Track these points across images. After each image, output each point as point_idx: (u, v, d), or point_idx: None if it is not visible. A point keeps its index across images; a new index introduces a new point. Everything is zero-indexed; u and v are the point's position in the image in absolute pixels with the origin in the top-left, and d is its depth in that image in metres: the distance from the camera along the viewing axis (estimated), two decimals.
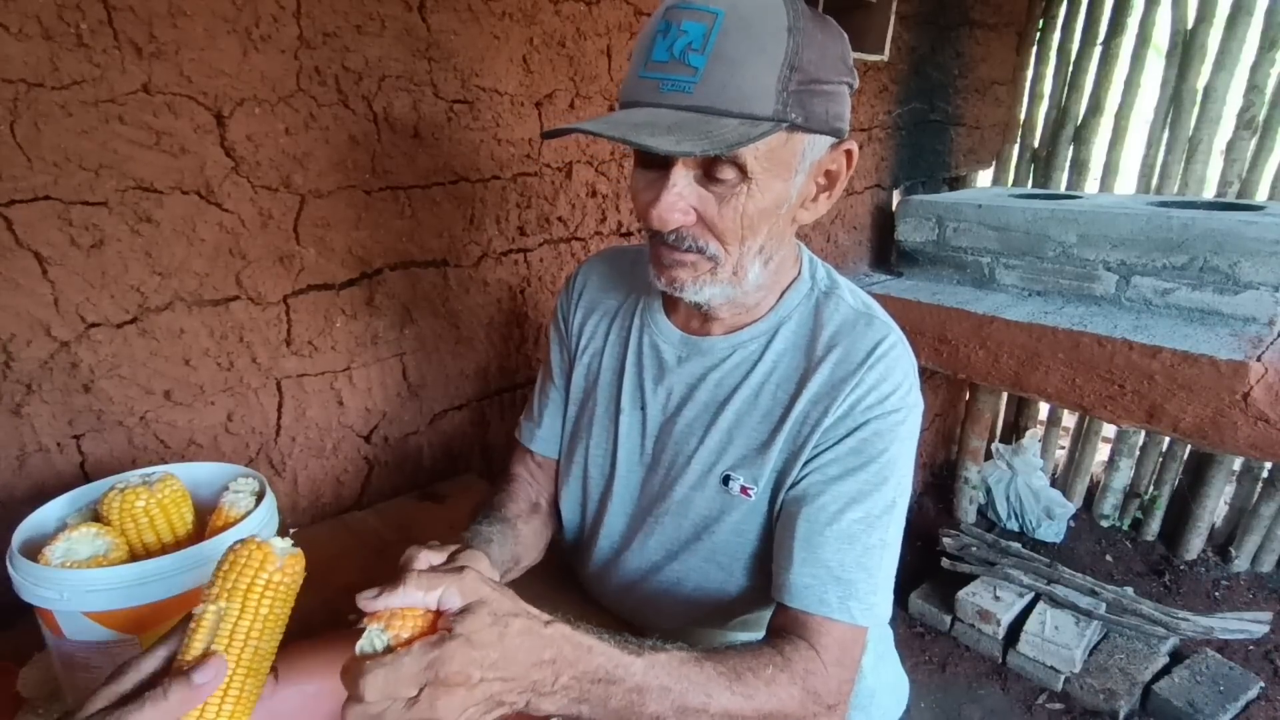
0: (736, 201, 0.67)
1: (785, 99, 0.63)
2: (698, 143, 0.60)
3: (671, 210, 0.67)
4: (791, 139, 0.66)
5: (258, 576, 0.52)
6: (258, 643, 0.52)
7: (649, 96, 0.64)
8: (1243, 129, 2.40)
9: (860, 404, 0.73)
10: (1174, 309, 1.90)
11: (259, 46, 1.01)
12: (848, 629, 0.70)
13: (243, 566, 0.52)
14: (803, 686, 0.66)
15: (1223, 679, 1.92)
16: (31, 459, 0.94)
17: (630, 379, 0.87)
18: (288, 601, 0.54)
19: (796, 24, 0.62)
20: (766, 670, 0.65)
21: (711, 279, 0.72)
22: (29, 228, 0.87)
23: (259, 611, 0.52)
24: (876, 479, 0.73)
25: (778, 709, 0.65)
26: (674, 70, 0.62)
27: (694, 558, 0.82)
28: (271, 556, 0.53)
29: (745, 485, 0.78)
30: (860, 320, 0.78)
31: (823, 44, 0.64)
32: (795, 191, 0.70)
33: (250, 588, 0.52)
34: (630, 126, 0.62)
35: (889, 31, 2.05)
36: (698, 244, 0.70)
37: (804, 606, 0.70)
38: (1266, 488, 2.34)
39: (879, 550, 0.72)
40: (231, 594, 0.52)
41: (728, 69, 0.61)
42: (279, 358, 1.14)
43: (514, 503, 0.91)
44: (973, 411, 2.60)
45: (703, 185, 0.67)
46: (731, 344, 0.81)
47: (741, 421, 0.79)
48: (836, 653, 0.70)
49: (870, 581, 0.71)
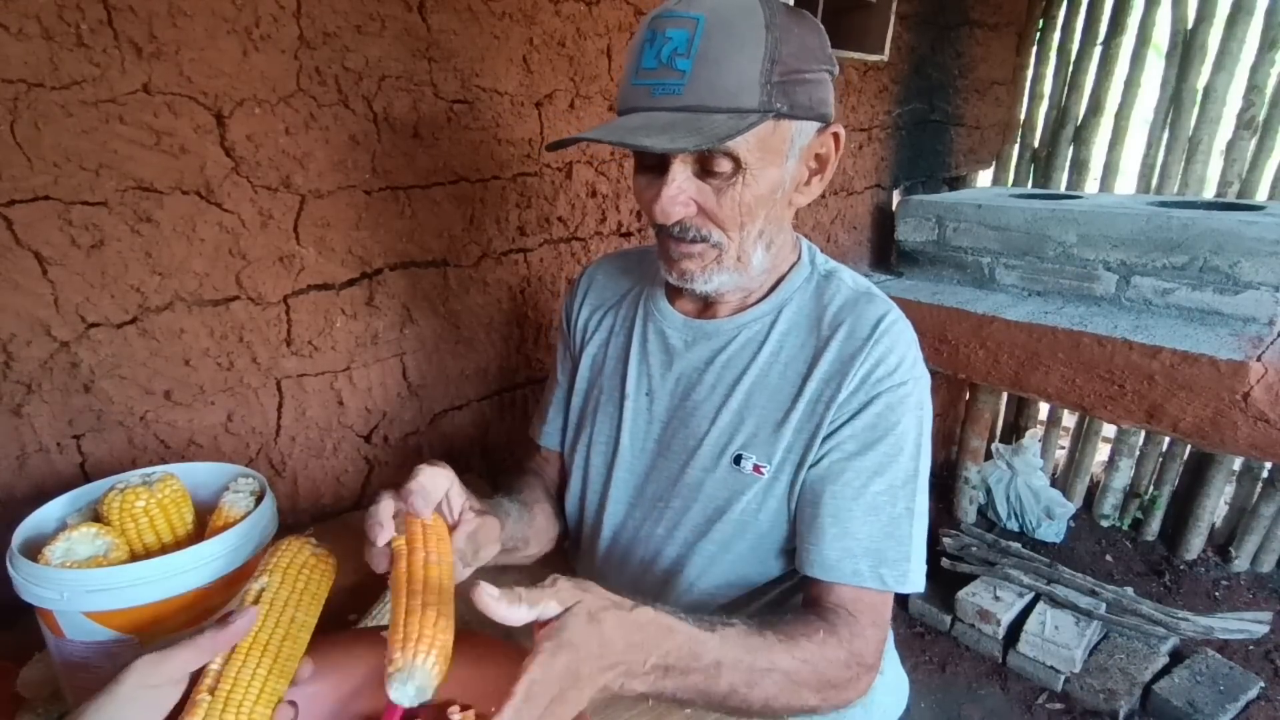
0: (734, 191, 0.71)
1: (769, 91, 0.66)
2: (690, 138, 0.64)
3: (673, 203, 0.71)
4: (779, 127, 0.70)
5: (295, 558, 0.64)
6: (295, 610, 0.60)
7: (643, 102, 0.68)
8: (1243, 129, 2.40)
9: (870, 377, 0.76)
10: (1174, 309, 1.90)
11: (259, 46, 1.01)
12: (879, 594, 0.74)
13: (283, 551, 0.64)
14: (849, 649, 0.70)
15: (1223, 679, 1.92)
16: (31, 459, 0.94)
17: (635, 365, 0.89)
18: (321, 584, 0.64)
19: (773, 21, 0.66)
20: (818, 634, 0.69)
21: (718, 267, 0.76)
22: (29, 228, 0.87)
23: (295, 585, 0.62)
24: (894, 450, 0.75)
25: (829, 672, 0.69)
26: (663, 75, 0.67)
27: (704, 542, 0.83)
28: (308, 547, 0.65)
29: (758, 464, 0.79)
30: (861, 299, 0.81)
31: (800, 37, 0.68)
32: (788, 176, 0.74)
33: (290, 565, 0.63)
34: (627, 130, 0.66)
35: (889, 31, 2.05)
36: (701, 233, 0.74)
37: (837, 578, 0.74)
38: (1266, 488, 2.34)
39: (905, 519, 0.75)
40: (273, 571, 0.62)
41: (713, 68, 0.65)
42: (279, 358, 1.14)
43: (530, 490, 0.96)
44: (973, 411, 2.60)
45: (701, 178, 0.71)
46: (737, 325, 0.83)
47: (752, 401, 0.81)
48: (871, 616, 0.74)
49: (900, 549, 0.74)
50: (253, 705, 0.53)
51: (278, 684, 0.56)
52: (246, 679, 0.54)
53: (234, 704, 0.52)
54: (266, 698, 0.55)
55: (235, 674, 0.54)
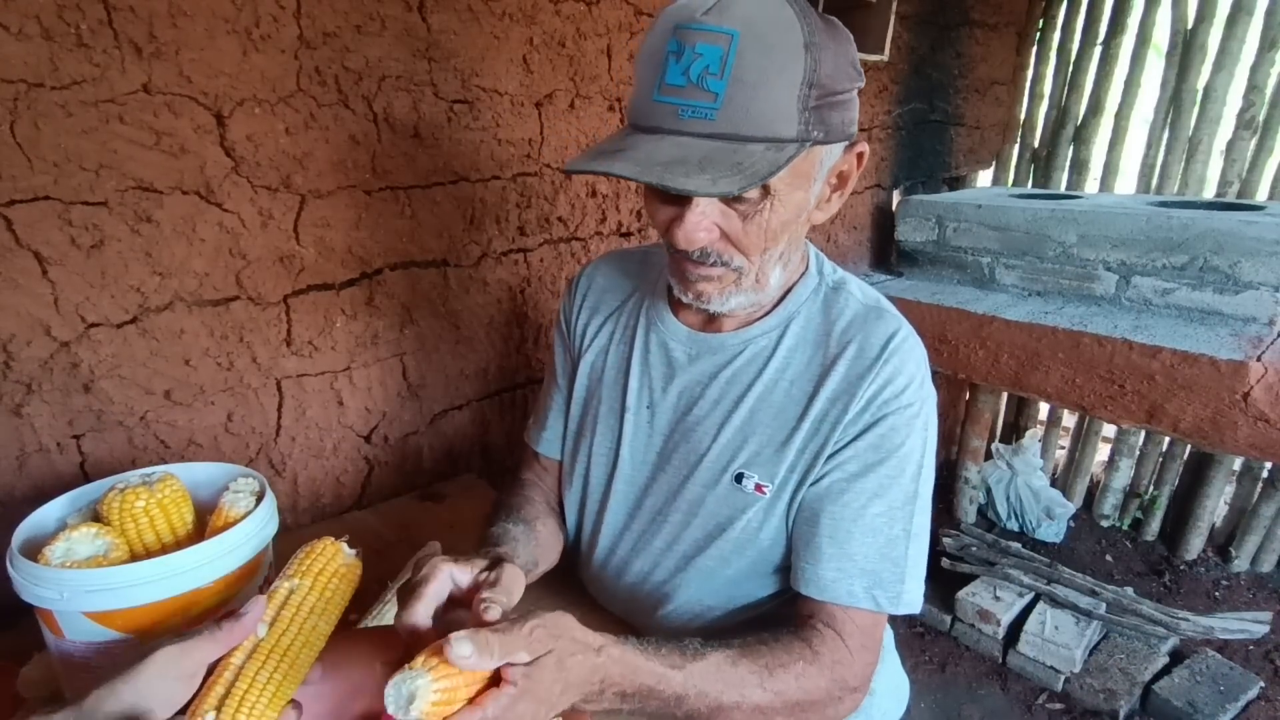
0: (760, 218, 0.68)
1: (807, 118, 0.62)
2: (733, 180, 0.60)
3: (696, 230, 0.68)
4: (811, 152, 0.66)
5: (329, 564, 0.63)
6: (318, 618, 0.60)
7: (668, 123, 0.62)
8: (1243, 129, 2.40)
9: (877, 399, 0.74)
10: (1174, 309, 1.90)
11: (259, 46, 1.01)
12: (871, 615, 0.74)
13: (318, 554, 0.63)
14: (830, 676, 0.70)
15: (1223, 679, 1.91)
16: (31, 459, 0.94)
17: (637, 378, 0.87)
18: (346, 594, 0.63)
19: (813, 39, 0.62)
20: (797, 665, 0.69)
21: (736, 289, 0.74)
22: (29, 228, 0.87)
23: (324, 592, 0.61)
24: (896, 471, 0.74)
25: (805, 699, 0.69)
26: (692, 95, 0.61)
27: (703, 558, 0.82)
28: (341, 553, 0.64)
29: (760, 483, 0.78)
30: (871, 314, 0.79)
31: (836, 54, 0.64)
32: (813, 198, 0.72)
33: (322, 571, 0.62)
34: (662, 167, 0.61)
35: (889, 31, 2.05)
36: (722, 258, 0.71)
37: (832, 599, 0.73)
38: (1266, 488, 2.34)
39: (903, 540, 0.74)
40: (305, 574, 0.61)
41: (749, 93, 0.60)
42: (279, 358, 1.14)
43: (530, 505, 0.92)
44: (973, 411, 2.60)
45: (725, 203, 0.68)
46: (742, 340, 0.81)
47: (756, 419, 0.79)
48: (861, 639, 0.73)
49: (896, 570, 0.74)
50: (265, 708, 0.54)
51: (289, 688, 0.56)
52: (263, 682, 0.54)
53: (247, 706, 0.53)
54: (278, 701, 0.55)
55: (253, 675, 0.54)
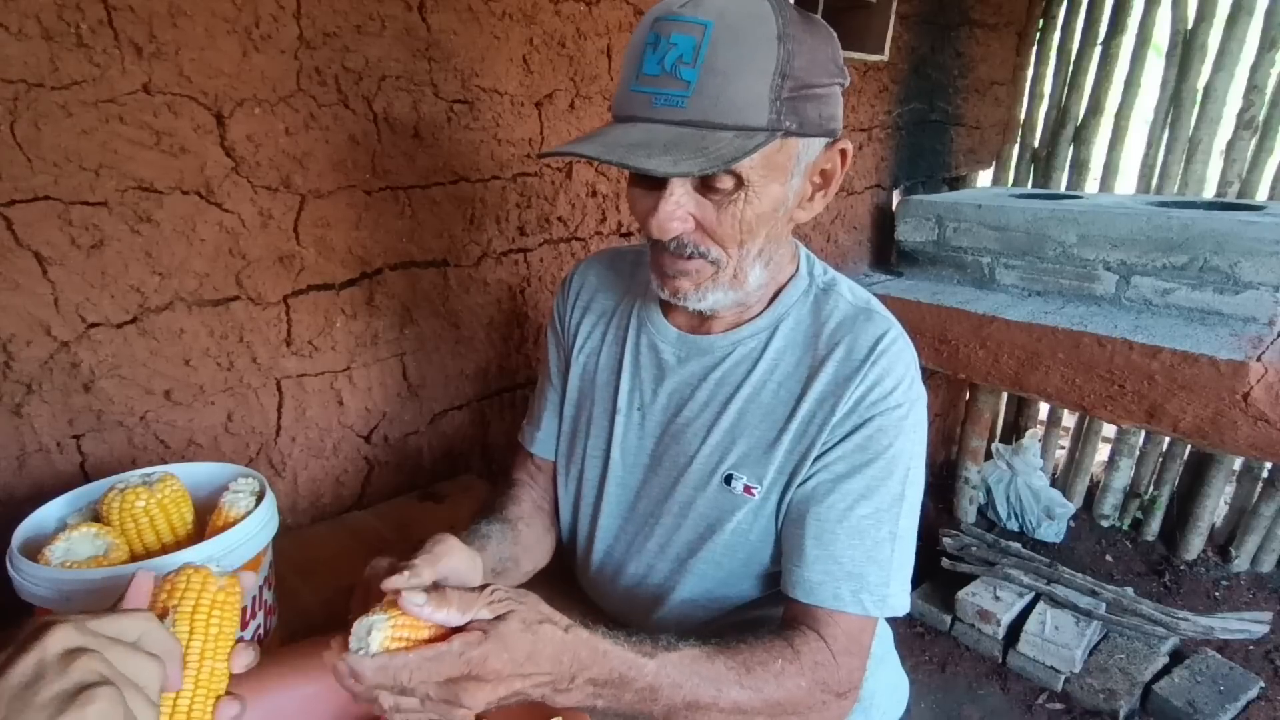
0: (734, 208, 0.67)
1: (778, 107, 0.63)
2: (695, 161, 0.60)
3: (670, 219, 0.68)
4: (786, 144, 0.66)
5: (202, 597, 0.52)
6: (212, 663, 0.52)
7: (642, 111, 0.64)
8: (1243, 129, 2.40)
9: (864, 400, 0.74)
10: (1174, 309, 1.90)
11: (259, 46, 1.01)
12: (857, 619, 0.73)
13: (184, 591, 0.52)
14: (811, 678, 0.69)
15: (1223, 679, 1.91)
16: (31, 459, 0.94)
17: (628, 380, 0.87)
18: (234, 619, 0.54)
19: (786, 31, 0.62)
20: (776, 664, 0.68)
21: (713, 284, 0.73)
22: (29, 228, 0.87)
23: (209, 632, 0.52)
24: (883, 473, 0.74)
25: (786, 699, 0.68)
26: (665, 84, 0.62)
27: (695, 560, 0.82)
28: (211, 579, 0.53)
29: (749, 485, 0.78)
30: (860, 315, 0.78)
31: (813, 48, 0.64)
32: (792, 194, 0.71)
33: (196, 609, 0.52)
34: (626, 148, 0.62)
35: (889, 31, 2.05)
36: (699, 249, 0.71)
37: (817, 601, 0.72)
38: (1266, 488, 2.34)
39: (889, 543, 0.74)
40: (179, 619, 0.51)
41: (720, 81, 0.61)
42: (279, 358, 1.14)
43: (515, 505, 0.92)
44: (973, 411, 2.60)
45: (700, 193, 0.68)
46: (731, 341, 0.81)
47: (744, 420, 0.79)
48: (845, 642, 0.72)
49: (881, 573, 0.73)
50: None
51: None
52: None
53: None
54: None
55: None
